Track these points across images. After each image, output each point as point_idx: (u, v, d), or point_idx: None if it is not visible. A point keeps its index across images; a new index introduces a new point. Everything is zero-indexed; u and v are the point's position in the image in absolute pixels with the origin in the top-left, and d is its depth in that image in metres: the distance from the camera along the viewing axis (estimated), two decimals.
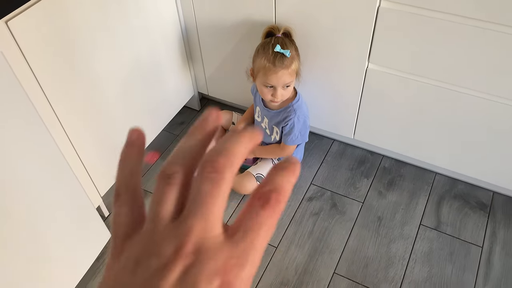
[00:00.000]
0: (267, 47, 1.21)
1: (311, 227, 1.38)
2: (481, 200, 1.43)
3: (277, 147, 1.43)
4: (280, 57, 1.19)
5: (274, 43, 1.21)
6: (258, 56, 1.23)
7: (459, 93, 1.19)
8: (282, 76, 1.21)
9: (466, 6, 1.01)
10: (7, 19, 0.90)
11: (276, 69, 1.20)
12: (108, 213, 1.45)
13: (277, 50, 1.19)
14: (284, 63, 1.20)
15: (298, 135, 1.35)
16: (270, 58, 1.20)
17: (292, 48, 1.22)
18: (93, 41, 1.14)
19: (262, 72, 1.23)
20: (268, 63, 1.20)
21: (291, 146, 1.38)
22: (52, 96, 1.07)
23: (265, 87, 1.26)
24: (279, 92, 1.24)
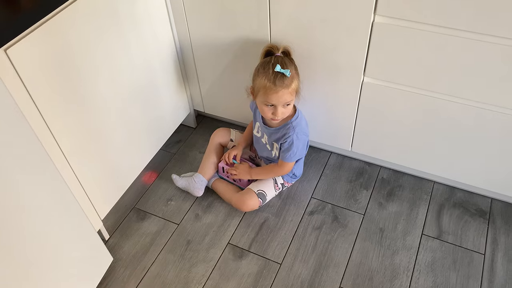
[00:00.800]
0: (267, 67, 1.22)
1: (314, 242, 1.38)
2: (480, 207, 1.45)
3: (274, 166, 1.43)
4: (280, 76, 1.20)
5: (274, 62, 1.21)
6: (259, 75, 1.24)
7: (453, 103, 1.21)
8: (282, 96, 1.22)
9: (459, 19, 1.04)
10: (6, 47, 0.90)
11: (277, 89, 1.21)
12: (109, 236, 1.43)
13: (278, 70, 1.20)
14: (285, 82, 1.21)
15: (297, 151, 1.35)
16: (271, 78, 1.20)
17: (292, 67, 1.23)
18: (91, 65, 1.14)
19: (262, 92, 1.23)
20: (268, 83, 1.21)
21: (290, 163, 1.38)
22: (51, 121, 1.06)
23: (265, 106, 1.26)
24: (279, 110, 1.25)
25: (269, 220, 1.45)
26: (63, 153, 1.13)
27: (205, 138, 1.73)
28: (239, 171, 1.47)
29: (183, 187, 1.52)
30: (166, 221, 1.47)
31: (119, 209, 1.51)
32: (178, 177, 1.53)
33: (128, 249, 1.40)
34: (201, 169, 1.53)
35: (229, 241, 1.40)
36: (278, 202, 1.50)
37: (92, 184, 1.27)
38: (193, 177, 1.50)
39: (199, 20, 1.39)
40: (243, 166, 1.47)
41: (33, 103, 1.00)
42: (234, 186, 1.50)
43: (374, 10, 1.11)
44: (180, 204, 1.51)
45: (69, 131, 1.14)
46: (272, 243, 1.39)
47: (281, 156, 1.37)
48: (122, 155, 1.38)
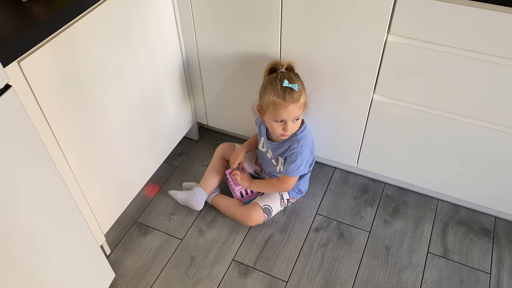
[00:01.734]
0: (275, 83, 1.21)
1: (320, 259, 1.37)
2: (484, 226, 1.45)
3: (276, 180, 1.40)
4: (289, 91, 1.20)
5: (281, 78, 1.21)
6: (266, 92, 1.23)
7: (461, 122, 1.21)
8: (292, 110, 1.21)
9: (472, 40, 1.05)
10: (19, 59, 0.88)
11: (286, 104, 1.20)
12: (110, 251, 1.40)
13: (286, 85, 1.19)
14: (294, 97, 1.20)
15: (300, 165, 1.32)
16: (279, 93, 1.20)
17: (299, 82, 1.23)
18: (100, 77, 1.12)
19: (272, 108, 1.22)
20: (277, 99, 1.20)
21: (292, 178, 1.35)
22: (58, 133, 1.04)
23: (275, 122, 1.25)
24: (289, 125, 1.24)
25: (274, 236, 1.43)
26: (69, 165, 1.11)
27: (208, 151, 1.71)
28: (240, 177, 1.43)
29: (183, 200, 1.49)
30: (169, 236, 1.44)
31: (121, 223, 1.47)
32: (176, 191, 1.51)
33: (130, 265, 1.36)
34: (203, 183, 1.50)
35: (233, 258, 1.38)
36: (283, 218, 1.48)
37: (96, 197, 1.24)
38: (193, 190, 1.48)
39: (207, 34, 1.38)
40: (244, 175, 1.44)
41: (42, 114, 0.98)
42: (237, 201, 1.48)
43: (388, 29, 1.12)
44: (183, 219, 1.49)
45: (76, 143, 1.11)
46: (278, 260, 1.37)
47: (284, 170, 1.35)
48: (126, 168, 1.35)
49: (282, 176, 1.37)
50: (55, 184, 0.96)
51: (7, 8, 0.96)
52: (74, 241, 1.07)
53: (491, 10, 0.98)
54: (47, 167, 0.92)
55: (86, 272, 1.15)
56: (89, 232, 1.13)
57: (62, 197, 0.99)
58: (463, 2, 1.00)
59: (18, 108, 0.81)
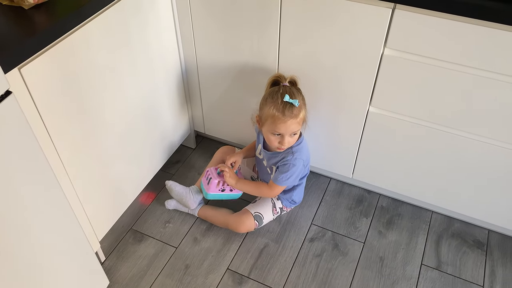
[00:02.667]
0: (276, 96, 1.22)
1: (315, 269, 1.37)
2: (477, 239, 1.46)
3: (263, 185, 1.40)
4: (289, 106, 1.20)
5: (283, 92, 1.22)
6: (267, 104, 1.24)
7: (456, 136, 1.23)
8: (290, 125, 1.22)
9: (466, 55, 1.06)
10: (20, 66, 0.88)
11: (285, 119, 1.21)
12: (105, 258, 1.40)
13: (286, 100, 1.20)
14: (293, 112, 1.21)
15: (290, 177, 1.32)
16: (279, 108, 1.21)
17: (300, 97, 1.24)
18: (99, 85, 1.13)
19: (270, 121, 1.23)
20: (277, 112, 1.21)
21: (279, 187, 1.35)
22: (56, 140, 1.05)
23: (272, 135, 1.26)
24: (286, 139, 1.25)
25: (269, 246, 1.44)
26: (67, 172, 1.11)
27: (204, 159, 1.72)
28: (228, 174, 1.39)
29: (178, 194, 1.46)
30: (164, 244, 1.44)
31: (116, 230, 1.47)
32: (175, 183, 1.48)
33: (124, 272, 1.36)
34: (199, 182, 1.51)
35: (228, 267, 1.38)
36: (278, 228, 1.49)
37: (92, 204, 1.24)
38: (190, 188, 1.48)
39: (206, 43, 1.40)
40: (232, 173, 1.41)
41: (41, 121, 0.98)
42: (226, 210, 1.48)
43: (385, 42, 1.13)
44: (178, 227, 1.49)
45: (73, 150, 1.12)
46: (272, 270, 1.37)
47: (274, 177, 1.35)
48: (123, 175, 1.35)
49: (270, 182, 1.37)
50: (52, 190, 0.96)
51: (10, 15, 0.97)
52: (69, 248, 1.07)
53: (484, 26, 1.00)
54: (45, 173, 0.92)
55: (80, 278, 1.15)
56: (84, 239, 1.13)
57: (58, 204, 0.99)
58: (458, 18, 1.02)
59: (18, 114, 0.82)
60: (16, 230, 0.88)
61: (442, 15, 1.03)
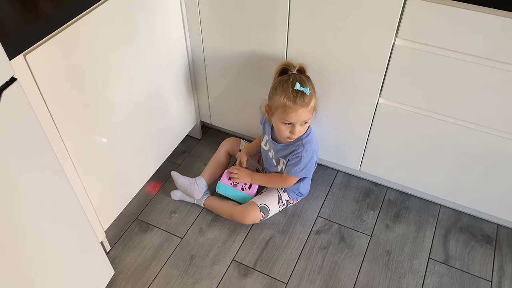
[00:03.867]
0: (286, 85, 1.20)
1: (321, 262, 1.36)
2: (486, 233, 1.44)
3: (278, 176, 1.41)
4: (300, 95, 1.19)
5: (293, 80, 1.20)
6: (277, 93, 1.22)
7: (468, 128, 1.21)
8: (302, 114, 1.20)
9: (480, 46, 1.04)
10: (25, 52, 0.87)
11: (297, 107, 1.19)
12: (110, 248, 1.39)
13: (297, 88, 1.18)
14: (305, 100, 1.19)
15: (303, 169, 1.33)
16: (290, 96, 1.19)
17: (310, 85, 1.22)
18: (104, 73, 1.12)
19: (281, 110, 1.21)
20: (288, 101, 1.19)
21: (293, 178, 1.36)
22: (61, 127, 1.04)
23: (283, 124, 1.24)
24: (297, 129, 1.23)
25: (274, 237, 1.43)
26: (72, 160, 1.10)
27: (210, 149, 1.71)
28: (240, 174, 1.44)
29: (182, 185, 1.47)
30: (169, 234, 1.43)
31: (121, 220, 1.47)
32: (179, 175, 1.49)
33: (129, 262, 1.36)
34: (204, 173, 1.51)
35: (233, 258, 1.37)
36: (284, 220, 1.48)
37: (98, 194, 1.23)
38: (195, 179, 1.48)
39: (214, 33, 1.38)
40: (245, 170, 1.45)
41: (46, 109, 0.97)
42: (231, 200, 1.47)
43: (396, 32, 1.11)
44: (184, 217, 1.48)
45: (79, 138, 1.11)
46: (278, 262, 1.36)
47: (287, 170, 1.35)
48: (129, 165, 1.35)
49: (284, 174, 1.37)
50: (57, 179, 0.95)
51: (15, 2, 0.95)
52: (74, 237, 1.07)
53: (500, 16, 0.97)
54: (50, 161, 0.91)
55: (86, 268, 1.15)
56: (89, 228, 1.12)
57: (63, 192, 0.99)
58: (472, 7, 0.99)
59: (23, 101, 0.81)
60: (21, 219, 0.87)
61: (455, 4, 1.00)
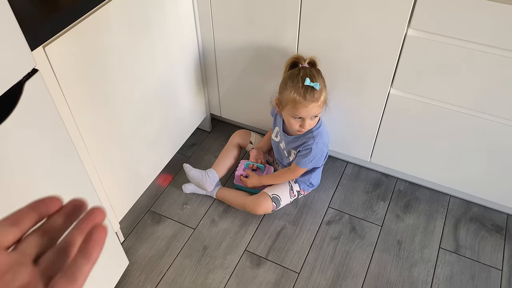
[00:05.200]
0: (296, 80, 1.20)
1: (332, 252, 1.37)
2: (496, 223, 1.45)
3: (285, 171, 1.42)
4: (310, 90, 1.19)
5: (303, 75, 1.20)
6: (287, 88, 1.22)
7: (480, 118, 1.21)
8: (312, 109, 1.21)
9: (493, 36, 1.04)
10: (44, 44, 0.88)
11: (307, 103, 1.20)
12: (124, 239, 1.41)
13: (307, 84, 1.19)
14: (315, 96, 1.20)
15: (313, 160, 1.34)
16: (300, 92, 1.19)
17: (320, 79, 1.22)
18: (118, 65, 1.13)
19: (291, 105, 1.22)
20: (298, 97, 1.19)
21: (301, 169, 1.37)
22: (78, 119, 1.05)
23: (293, 118, 1.25)
24: (307, 123, 1.24)
25: (286, 228, 1.44)
26: (88, 151, 1.11)
27: (220, 142, 1.72)
28: (249, 181, 1.46)
29: (194, 178, 1.48)
30: (182, 225, 1.45)
31: (134, 211, 1.48)
32: (191, 167, 1.50)
33: (143, 253, 1.38)
34: (215, 165, 1.52)
35: (246, 248, 1.38)
36: (295, 210, 1.49)
37: (112, 185, 1.25)
38: (206, 171, 1.49)
39: (225, 26, 1.38)
40: (252, 175, 1.47)
41: (64, 100, 0.99)
42: (244, 192, 1.49)
43: (408, 23, 1.11)
44: (196, 208, 1.50)
45: (94, 130, 1.12)
46: (290, 252, 1.38)
47: (296, 160, 1.36)
48: (141, 157, 1.36)
49: (293, 165, 1.38)
50: (76, 169, 0.97)
51: None
52: None
53: None
54: (70, 152, 0.93)
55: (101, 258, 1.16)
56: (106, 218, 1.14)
57: (82, 182, 1.00)
58: None
59: (44, 92, 0.82)
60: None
61: None
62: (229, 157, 1.55)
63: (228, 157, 1.55)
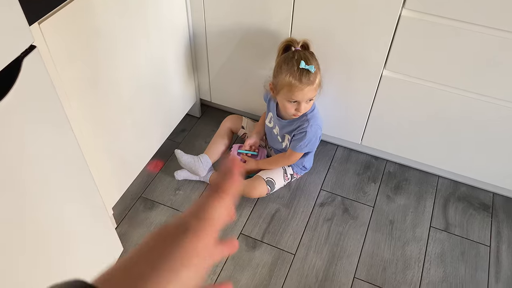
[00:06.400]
0: (291, 63, 1.20)
1: (326, 233, 1.39)
2: (483, 201, 1.50)
3: (282, 156, 1.42)
4: (305, 73, 1.19)
5: (298, 58, 1.20)
6: (282, 72, 1.22)
7: (472, 99, 1.24)
8: (308, 92, 1.21)
9: (488, 16, 1.06)
10: (40, 21, 0.85)
11: (302, 86, 1.20)
12: (116, 225, 1.39)
13: (302, 67, 1.18)
14: (310, 79, 1.19)
15: (308, 144, 1.35)
16: (296, 75, 1.19)
17: (315, 62, 1.22)
18: (112, 47, 1.10)
19: (287, 89, 1.22)
20: (294, 80, 1.19)
21: (298, 154, 1.38)
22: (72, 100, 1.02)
23: (288, 102, 1.25)
24: (302, 106, 1.25)
25: (280, 211, 1.45)
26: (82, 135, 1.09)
27: (210, 128, 1.70)
28: (247, 165, 1.46)
29: (187, 163, 1.46)
30: (175, 211, 1.44)
31: (125, 198, 1.46)
32: (183, 153, 1.48)
33: (137, 239, 1.36)
34: (208, 150, 1.51)
35: (241, 232, 1.39)
36: (288, 193, 1.50)
37: (103, 171, 1.22)
38: (199, 156, 1.48)
39: (216, 8, 1.37)
40: (249, 161, 1.47)
41: (59, 79, 0.96)
42: None
43: (403, 3, 1.13)
44: (188, 194, 1.49)
45: (86, 111, 1.09)
46: (285, 234, 1.38)
47: (292, 145, 1.36)
48: (132, 143, 1.34)
49: (288, 151, 1.38)
50: (72, 151, 0.94)
51: None
52: (86, 211, 1.06)
53: None
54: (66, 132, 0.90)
55: (96, 244, 1.14)
56: (101, 203, 1.12)
57: (78, 165, 0.98)
58: None
59: (41, 70, 0.79)
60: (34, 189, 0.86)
61: None
62: (221, 142, 1.55)
63: (220, 142, 1.54)
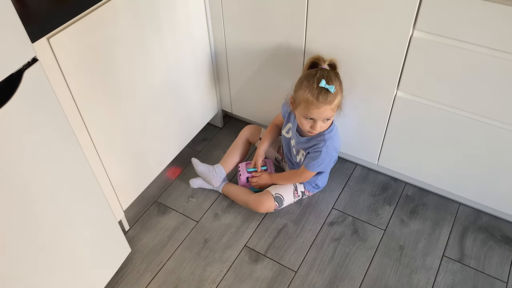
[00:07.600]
0: (312, 80, 1.19)
1: (332, 253, 1.37)
2: (506, 234, 1.40)
3: (294, 173, 1.42)
4: (324, 92, 1.17)
5: (320, 76, 1.18)
6: (302, 87, 1.21)
7: (488, 125, 1.18)
8: (324, 111, 1.20)
9: (499, 40, 1.01)
10: (49, 36, 0.92)
11: (319, 105, 1.18)
12: (129, 228, 1.46)
13: (322, 86, 1.17)
14: (328, 99, 1.18)
15: (321, 164, 1.32)
16: (314, 93, 1.18)
17: (337, 83, 1.20)
18: (127, 59, 1.16)
19: (304, 105, 1.21)
20: (311, 97, 1.18)
21: (310, 172, 1.36)
22: (84, 110, 1.09)
23: (304, 119, 1.25)
24: (318, 125, 1.23)
25: (287, 226, 1.44)
26: (93, 142, 1.16)
27: (230, 138, 1.74)
28: (260, 178, 1.47)
29: (202, 172, 1.51)
30: (186, 218, 1.48)
31: (141, 201, 1.53)
32: (199, 162, 1.52)
33: (146, 242, 1.42)
34: (223, 161, 1.54)
35: (246, 244, 1.40)
36: (298, 210, 1.49)
37: (118, 175, 1.29)
38: (214, 166, 1.51)
39: (236, 27, 1.40)
40: (264, 173, 1.47)
41: (69, 92, 1.03)
42: (248, 189, 1.50)
43: (414, 24, 1.10)
44: (200, 202, 1.53)
45: (101, 121, 1.16)
46: (289, 250, 1.38)
47: (305, 163, 1.35)
48: (150, 149, 1.40)
49: (301, 168, 1.38)
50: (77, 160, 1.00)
51: None
52: (93, 216, 1.12)
53: None
54: (70, 142, 0.96)
55: (103, 244, 1.21)
56: (108, 208, 1.18)
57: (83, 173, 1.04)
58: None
59: (43, 82, 0.86)
60: (41, 196, 0.93)
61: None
62: (237, 153, 1.56)
63: (236, 153, 1.56)
